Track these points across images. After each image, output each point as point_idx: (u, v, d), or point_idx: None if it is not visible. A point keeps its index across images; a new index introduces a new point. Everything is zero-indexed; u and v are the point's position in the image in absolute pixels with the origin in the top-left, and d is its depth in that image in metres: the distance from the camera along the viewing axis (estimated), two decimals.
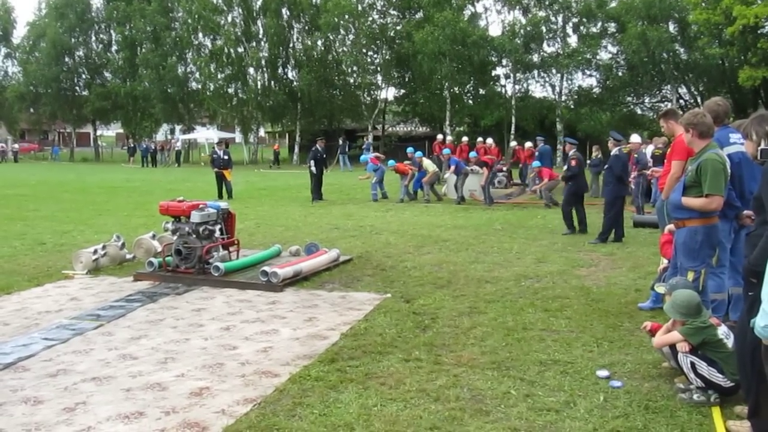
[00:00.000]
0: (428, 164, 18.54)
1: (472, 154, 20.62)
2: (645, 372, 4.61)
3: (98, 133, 56.80)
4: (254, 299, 6.96)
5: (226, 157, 19.32)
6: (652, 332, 4.64)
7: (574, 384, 4.38)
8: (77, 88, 52.23)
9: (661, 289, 4.97)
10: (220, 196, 18.13)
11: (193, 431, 3.71)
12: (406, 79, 43.85)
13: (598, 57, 38.79)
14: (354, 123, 46.73)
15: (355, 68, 43.02)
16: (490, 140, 19.36)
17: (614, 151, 10.80)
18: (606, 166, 11.21)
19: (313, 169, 18.21)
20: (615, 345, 5.23)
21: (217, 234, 8.34)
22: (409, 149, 19.12)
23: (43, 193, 20.84)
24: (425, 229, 12.29)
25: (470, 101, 41.97)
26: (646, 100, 42.39)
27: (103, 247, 8.80)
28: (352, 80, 44.49)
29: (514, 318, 6.04)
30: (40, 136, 66.49)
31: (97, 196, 19.98)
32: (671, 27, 35.90)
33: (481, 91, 41.46)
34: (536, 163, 18.04)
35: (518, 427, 3.72)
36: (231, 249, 8.62)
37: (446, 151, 21.76)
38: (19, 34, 55.84)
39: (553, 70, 39.08)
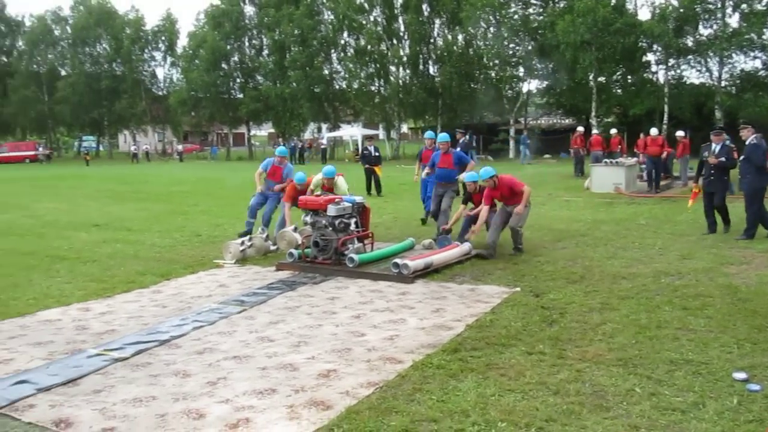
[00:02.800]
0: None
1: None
2: None
3: (252, 133, 60.46)
4: (385, 290, 7.20)
5: (377, 154, 19.73)
6: None
7: (705, 385, 4.17)
8: (232, 91, 55.84)
9: None
10: (369, 192, 18.51)
11: (318, 409, 3.96)
12: (549, 70, 42.69)
13: (764, 37, 35.52)
14: (496, 117, 46.26)
15: (496, 61, 42.58)
16: (654, 131, 18.40)
17: (751, 139, 9.89)
18: (742, 157, 10.12)
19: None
20: (759, 347, 4.89)
21: (353, 227, 8.69)
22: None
23: (201, 189, 22.59)
24: (563, 223, 12.00)
25: (618, 90, 40.05)
26: None
27: (250, 239, 9.46)
28: (493, 74, 44.07)
29: (648, 315, 5.81)
30: (200, 137, 71.96)
31: (250, 191, 21.26)
32: None
33: (630, 79, 39.43)
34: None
35: (639, 425, 3.62)
36: (365, 241, 8.94)
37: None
38: (181, 43, 60.80)
39: (711, 54, 36.31)
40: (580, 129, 25.19)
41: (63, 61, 63.42)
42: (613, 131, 25.45)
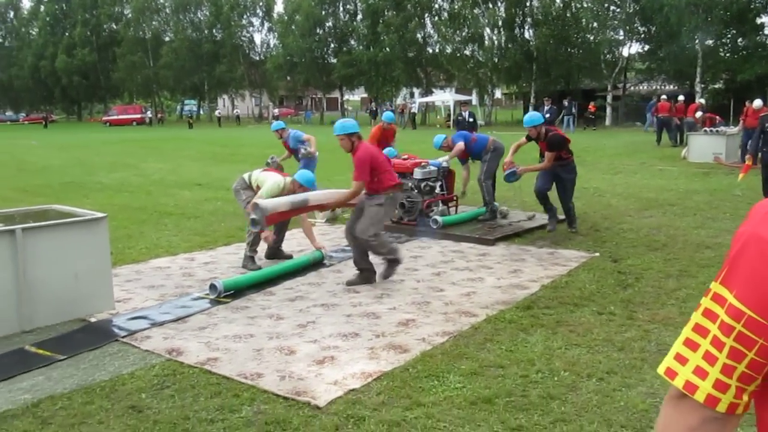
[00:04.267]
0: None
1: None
2: None
3: (344, 97, 61.36)
4: (467, 251, 7.50)
5: (471, 120, 19.29)
6: None
7: None
8: (326, 56, 56.74)
9: None
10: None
11: (396, 351, 4.36)
12: (651, 33, 40.81)
13: None
14: (593, 82, 44.83)
15: (595, 24, 41.14)
16: (758, 102, 17.51)
17: None
18: None
19: None
20: None
21: (438, 190, 9.00)
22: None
23: None
24: (653, 192, 11.82)
25: (726, 55, 37.87)
26: None
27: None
28: (591, 37, 42.59)
29: None
30: (295, 102, 73.67)
31: (339, 154, 21.90)
32: None
33: (741, 42, 37.16)
34: None
35: None
36: (450, 204, 9.23)
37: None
38: (278, 9, 62.14)
39: None
40: (681, 98, 24.20)
41: (166, 28, 66.30)
42: (681, 98, 24.13)
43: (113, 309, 5.35)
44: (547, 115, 18.02)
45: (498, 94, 59.21)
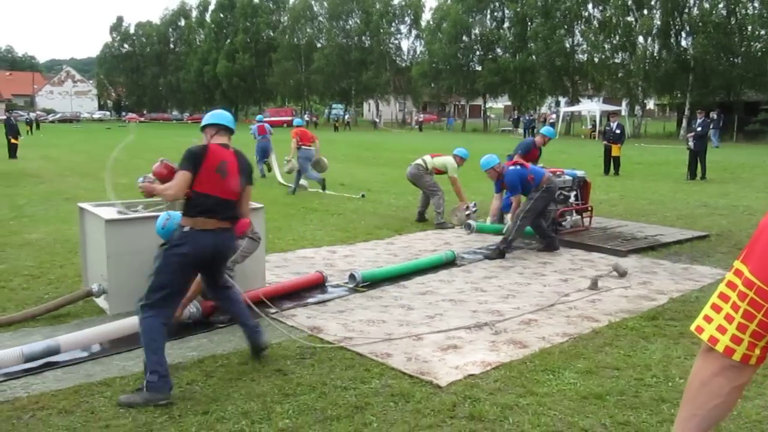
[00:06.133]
0: None
1: None
2: None
3: (487, 105, 61.31)
4: (597, 260, 7.55)
5: (618, 131, 18.06)
6: None
7: None
8: (471, 63, 57.02)
9: None
10: (606, 171, 17.62)
11: (516, 346, 4.63)
12: None
13: None
14: (758, 94, 41.71)
15: (762, 32, 38.33)
16: None
17: None
18: None
19: (691, 144, 17.32)
20: None
21: (572, 200, 9.07)
22: None
23: None
24: None
25: None
26: None
27: (475, 205, 10.24)
28: (759, 45, 39.68)
29: None
30: (438, 108, 74.57)
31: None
32: None
33: None
34: None
35: None
36: (584, 215, 9.27)
37: None
38: (425, 17, 63.36)
39: None
40: None
41: (319, 35, 69.60)
42: None
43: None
44: (698, 129, 17.15)
45: (650, 104, 56.63)
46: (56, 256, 7.52)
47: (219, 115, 4.31)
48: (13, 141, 22.22)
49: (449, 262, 7.25)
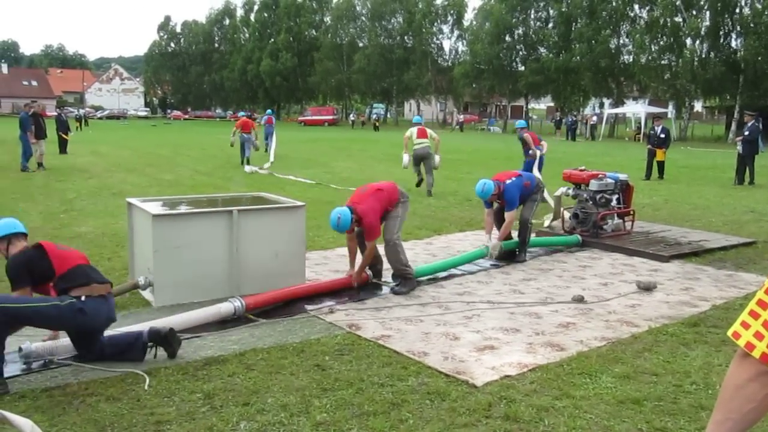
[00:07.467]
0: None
1: None
2: None
3: (530, 106, 60.74)
4: (638, 265, 7.47)
5: (662, 135, 17.62)
6: None
7: None
8: (514, 63, 56.59)
9: None
10: (648, 176, 17.27)
11: (553, 349, 4.63)
12: None
13: None
14: None
15: None
16: None
17: None
18: None
19: (739, 148, 16.91)
20: None
21: (614, 203, 8.97)
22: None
23: (476, 159, 23.90)
24: None
25: None
26: None
27: None
28: None
29: None
30: (479, 109, 74.16)
31: (520, 164, 21.97)
32: None
33: None
34: None
35: None
36: (626, 218, 9.15)
37: None
38: (468, 17, 63.07)
39: None
40: None
41: (361, 34, 69.90)
42: None
43: None
44: (746, 133, 16.75)
45: (698, 107, 55.40)
46: (104, 249, 7.75)
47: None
48: (63, 137, 22.88)
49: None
